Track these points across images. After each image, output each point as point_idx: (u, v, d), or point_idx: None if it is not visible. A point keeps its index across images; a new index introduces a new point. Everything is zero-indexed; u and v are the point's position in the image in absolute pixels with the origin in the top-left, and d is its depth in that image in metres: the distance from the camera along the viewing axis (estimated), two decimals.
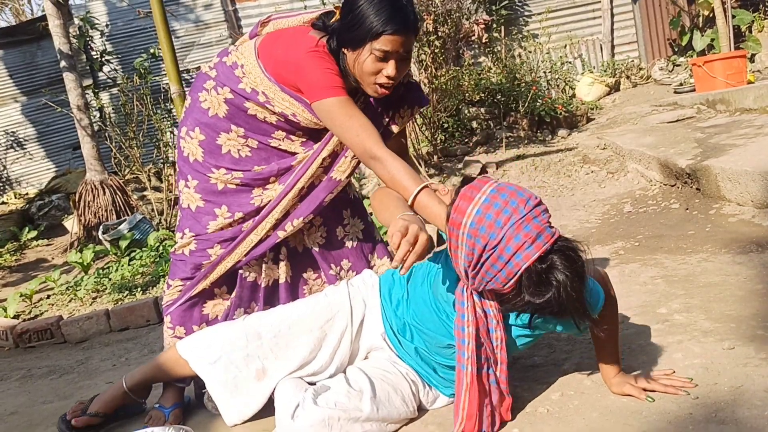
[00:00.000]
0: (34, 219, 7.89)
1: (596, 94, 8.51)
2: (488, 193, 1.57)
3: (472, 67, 7.61)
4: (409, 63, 2.04)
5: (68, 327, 3.91)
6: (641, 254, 3.21)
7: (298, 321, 1.99)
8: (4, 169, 9.13)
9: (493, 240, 1.52)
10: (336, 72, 1.99)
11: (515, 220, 1.52)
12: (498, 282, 1.56)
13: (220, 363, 1.95)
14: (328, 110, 1.96)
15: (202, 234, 2.22)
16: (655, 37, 9.32)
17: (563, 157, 5.87)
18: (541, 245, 1.51)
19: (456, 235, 1.59)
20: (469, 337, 1.68)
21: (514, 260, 1.52)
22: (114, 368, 3.16)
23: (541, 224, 1.53)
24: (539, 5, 8.91)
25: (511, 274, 1.53)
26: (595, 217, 4.30)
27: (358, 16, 1.91)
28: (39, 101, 8.81)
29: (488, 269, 1.56)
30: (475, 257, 1.56)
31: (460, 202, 1.59)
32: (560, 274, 1.51)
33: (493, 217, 1.53)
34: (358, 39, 1.93)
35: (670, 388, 1.76)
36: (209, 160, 2.18)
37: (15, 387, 3.14)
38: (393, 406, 1.82)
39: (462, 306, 1.70)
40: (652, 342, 2.12)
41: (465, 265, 1.59)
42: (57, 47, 6.61)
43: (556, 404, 1.82)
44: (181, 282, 2.26)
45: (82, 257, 5.28)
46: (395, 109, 2.22)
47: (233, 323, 2.06)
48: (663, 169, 4.49)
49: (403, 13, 1.91)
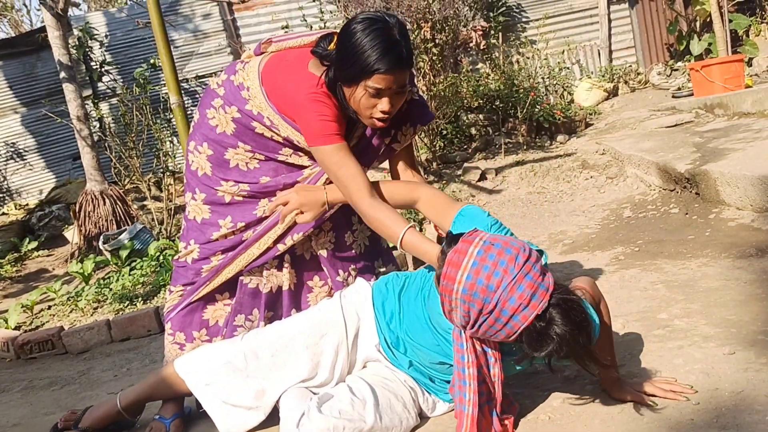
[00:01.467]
0: (34, 229, 7.89)
1: (594, 99, 8.53)
2: (475, 255, 1.57)
3: (471, 74, 7.63)
4: (405, 95, 2.02)
5: (69, 338, 3.91)
6: (641, 259, 3.22)
7: (294, 338, 1.99)
8: (5, 179, 9.13)
9: (489, 304, 1.53)
10: (332, 117, 2.01)
11: (507, 283, 1.52)
12: (498, 339, 1.60)
13: (219, 384, 1.95)
14: (321, 157, 2.03)
15: (206, 242, 2.24)
16: (653, 42, 9.35)
17: (562, 163, 5.88)
18: (537, 305, 1.52)
19: (449, 300, 1.60)
20: (470, 378, 1.67)
21: (512, 322, 1.53)
22: (116, 378, 3.16)
23: (535, 281, 1.53)
24: (537, 11, 8.94)
25: (511, 333, 1.55)
26: (594, 223, 4.31)
27: (351, 52, 1.90)
28: (39, 112, 8.83)
29: (486, 330, 1.58)
30: (472, 320, 1.58)
31: (448, 269, 1.59)
32: (559, 328, 1.52)
33: (485, 282, 1.53)
34: (352, 76, 1.93)
35: (669, 393, 1.76)
36: (217, 174, 2.20)
37: (17, 398, 3.14)
38: (395, 412, 1.82)
39: (461, 347, 1.68)
40: (652, 347, 2.13)
41: (462, 323, 1.61)
42: (57, 58, 6.63)
43: (557, 411, 1.83)
44: (182, 287, 2.28)
45: (83, 267, 5.29)
46: (397, 127, 2.22)
47: (231, 342, 2.06)
48: (662, 173, 4.50)
49: (397, 50, 1.88)
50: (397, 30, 1.90)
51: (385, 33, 1.87)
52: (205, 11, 9.01)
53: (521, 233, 4.46)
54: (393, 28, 1.89)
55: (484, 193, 5.64)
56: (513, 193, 5.55)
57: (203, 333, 2.29)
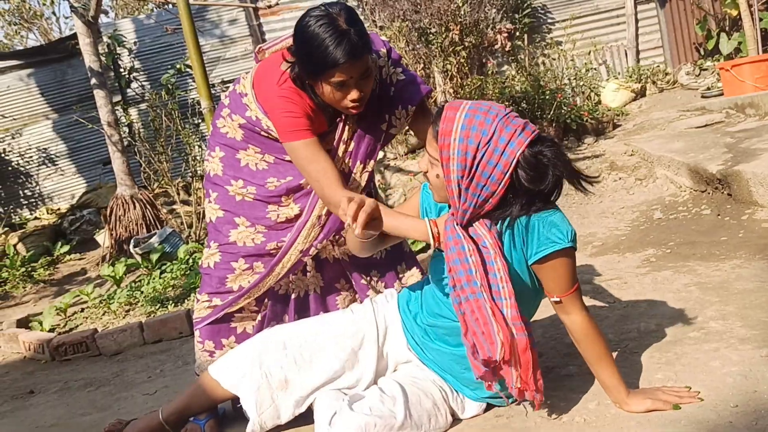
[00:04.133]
0: (66, 234, 8.02)
1: (622, 100, 8.45)
2: (469, 103, 1.71)
3: (496, 76, 7.61)
4: (372, 78, 2.01)
5: (103, 340, 3.97)
6: (673, 261, 3.19)
7: (323, 334, 2.01)
8: (37, 185, 9.30)
9: (486, 136, 1.64)
10: (299, 113, 2.03)
11: (502, 116, 1.67)
12: (493, 182, 1.66)
13: (248, 377, 1.97)
14: (291, 153, 2.08)
15: (224, 243, 2.28)
16: (681, 41, 9.23)
17: (590, 164, 5.83)
18: (530, 133, 1.66)
19: (447, 145, 1.67)
20: (476, 265, 1.71)
21: (509, 149, 1.63)
22: (149, 380, 3.20)
23: (523, 121, 1.68)
24: (563, 12, 8.88)
25: (507, 166, 1.64)
26: (624, 225, 4.27)
27: (306, 51, 1.92)
28: (70, 118, 8.98)
29: (483, 168, 1.65)
30: (469, 160, 1.65)
31: (447, 113, 1.69)
32: (550, 153, 1.66)
33: (482, 117, 1.66)
34: (312, 74, 1.95)
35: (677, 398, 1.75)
36: (228, 172, 2.27)
37: (54, 399, 3.20)
38: (424, 409, 1.83)
39: (459, 239, 1.73)
40: (688, 350, 2.11)
41: (458, 176, 1.68)
42: (87, 65, 6.74)
43: (592, 413, 1.82)
44: (207, 297, 2.31)
45: (115, 271, 5.37)
46: (389, 111, 2.21)
47: (259, 335, 2.09)
48: (693, 174, 4.45)
49: (347, 41, 1.86)
50: (344, 19, 1.88)
51: (332, 25, 1.86)
52: (231, 17, 9.10)
53: None
54: (338, 19, 1.88)
55: None
56: None
57: (232, 340, 2.32)
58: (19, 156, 9.20)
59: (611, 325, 2.47)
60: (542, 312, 2.78)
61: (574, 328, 1.80)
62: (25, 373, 3.87)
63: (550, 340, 2.45)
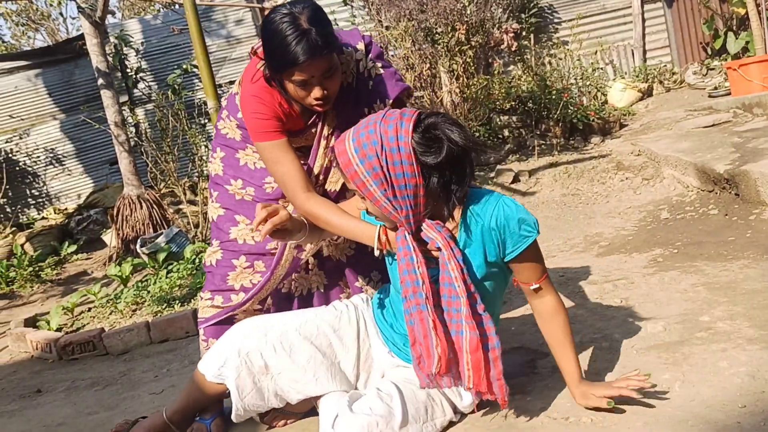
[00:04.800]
0: (73, 233, 8.05)
1: (629, 99, 8.43)
2: (350, 131, 1.77)
3: (502, 76, 7.60)
4: (336, 77, 2.01)
5: (110, 339, 3.98)
6: (681, 261, 3.17)
7: (305, 325, 2.03)
8: (44, 185, 9.33)
9: (377, 144, 1.68)
10: (268, 114, 2.05)
11: (379, 119, 1.72)
12: (409, 177, 1.69)
13: (228, 364, 1.97)
14: (259, 153, 2.12)
15: (225, 240, 2.30)
16: (688, 40, 9.21)
17: (597, 164, 5.82)
18: (409, 118, 1.70)
19: (355, 173, 1.72)
20: (423, 276, 1.76)
21: (400, 141, 1.68)
22: (156, 379, 3.21)
23: (398, 111, 1.74)
24: (569, 12, 8.87)
25: (410, 156, 1.68)
26: (631, 225, 4.26)
27: (269, 49, 1.93)
28: (77, 118, 9.01)
29: (394, 171, 1.69)
30: (380, 172, 1.69)
31: (337, 148, 1.76)
32: (440, 124, 1.70)
33: (365, 131, 1.71)
34: (276, 72, 1.96)
35: (624, 390, 1.76)
36: (228, 172, 2.30)
37: (61, 398, 3.21)
38: (420, 401, 1.84)
39: (408, 250, 1.77)
40: (695, 350, 2.10)
41: (381, 191, 1.72)
42: (94, 65, 6.76)
43: (599, 414, 1.81)
44: (210, 294, 2.32)
45: (121, 270, 5.38)
46: (368, 105, 2.20)
47: (239, 324, 2.10)
48: (700, 174, 4.43)
49: (307, 40, 1.85)
50: (305, 17, 1.87)
51: (293, 24, 1.86)
52: (237, 17, 9.12)
53: (556, 235, 4.43)
54: (299, 18, 1.87)
55: (518, 195, 5.61)
56: (547, 195, 5.51)
57: None
58: (26, 156, 9.25)
59: (618, 325, 2.46)
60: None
61: (546, 310, 1.87)
62: (33, 372, 3.88)
63: None
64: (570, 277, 3.31)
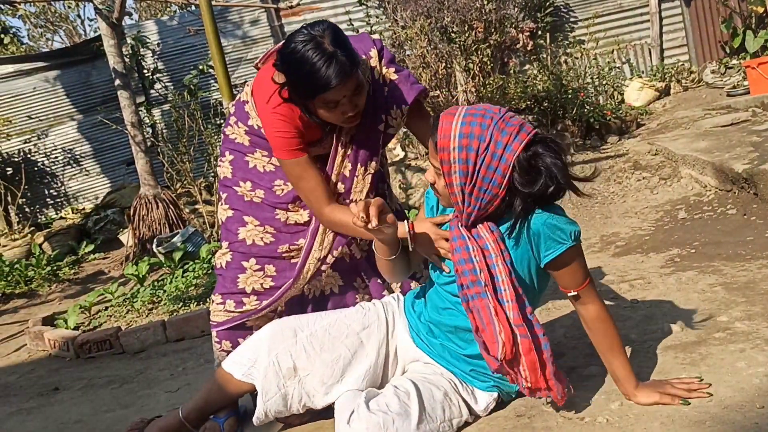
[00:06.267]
0: (90, 233, 8.13)
1: (646, 99, 8.36)
2: (464, 110, 1.74)
3: (518, 75, 7.57)
4: (364, 91, 2.02)
5: (126, 338, 4.01)
6: (698, 261, 3.14)
7: (334, 326, 2.04)
8: (62, 185, 9.42)
9: (484, 142, 1.68)
10: (291, 133, 2.06)
11: (496, 121, 1.69)
12: (494, 186, 1.70)
13: (257, 364, 1.99)
14: (283, 167, 2.15)
15: (234, 241, 2.30)
16: (706, 39, 9.12)
17: (613, 164, 5.78)
18: (526, 135, 1.69)
19: (447, 155, 1.72)
20: (481, 265, 1.77)
21: (506, 153, 1.67)
22: (172, 377, 3.23)
23: (519, 122, 1.72)
24: (585, 11, 8.82)
25: (506, 169, 1.68)
26: (648, 224, 4.22)
27: (295, 78, 1.93)
28: (94, 119, 9.08)
29: (484, 174, 1.70)
30: (470, 167, 1.70)
31: (443, 124, 1.73)
32: (547, 157, 1.69)
33: (478, 123, 1.69)
34: (304, 96, 1.96)
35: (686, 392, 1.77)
36: (237, 174, 2.31)
37: (78, 396, 3.23)
38: (437, 401, 1.84)
39: (464, 240, 1.80)
40: (713, 351, 2.08)
41: (461, 182, 1.73)
42: (112, 66, 6.82)
43: (615, 414, 1.80)
44: (221, 298, 2.32)
45: (138, 270, 5.42)
46: (385, 111, 2.21)
47: (270, 324, 2.11)
48: (718, 174, 4.39)
49: (336, 63, 1.86)
50: (329, 40, 1.88)
51: (319, 49, 1.86)
52: (253, 18, 9.15)
53: None
54: (323, 41, 1.87)
55: None
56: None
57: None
58: (45, 156, 9.34)
59: (635, 326, 2.44)
60: (564, 312, 2.77)
61: (589, 317, 1.86)
62: (51, 370, 3.92)
63: (572, 340, 2.42)
64: None
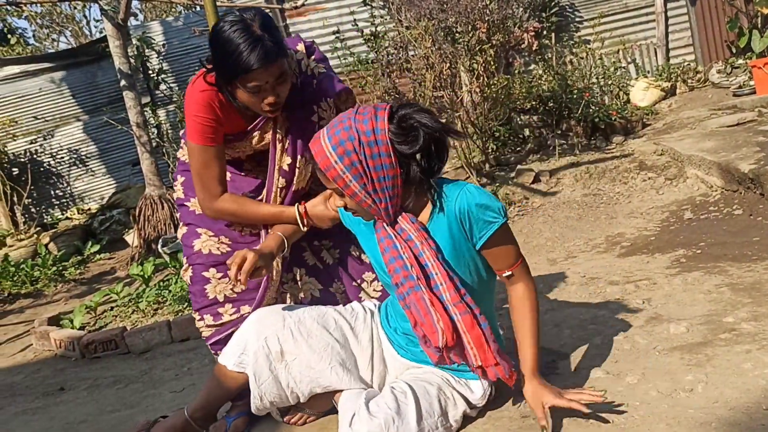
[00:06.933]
0: (96, 233, 8.15)
1: (651, 99, 8.34)
2: (323, 129, 1.79)
3: (523, 75, 7.55)
4: (288, 82, 2.05)
5: (132, 338, 4.01)
6: (704, 262, 3.13)
7: (323, 316, 2.08)
8: (68, 185, 9.44)
9: (354, 140, 1.72)
10: (207, 119, 2.08)
11: (353, 117, 1.74)
12: (387, 168, 1.73)
13: (247, 350, 2.01)
14: (189, 152, 2.15)
15: (190, 254, 2.32)
16: (712, 39, 9.08)
17: (619, 164, 5.77)
18: (383, 111, 1.74)
19: (334, 171, 1.75)
20: (410, 260, 1.80)
21: (377, 135, 1.71)
22: (177, 378, 3.23)
23: (371, 106, 1.77)
24: (590, 11, 8.79)
25: (387, 147, 1.72)
26: (653, 225, 4.21)
27: (220, 58, 1.96)
28: (100, 119, 9.11)
29: (373, 163, 1.72)
30: (359, 166, 1.73)
31: (314, 149, 1.78)
32: (413, 113, 1.74)
33: (340, 130, 1.74)
34: (227, 78, 1.99)
35: (575, 404, 1.75)
36: (188, 192, 2.35)
37: (83, 396, 3.24)
38: (432, 396, 1.86)
39: (390, 239, 1.83)
40: (719, 352, 2.07)
41: (361, 185, 1.75)
42: (117, 67, 6.83)
43: (621, 415, 1.79)
44: (198, 315, 2.33)
45: (143, 270, 5.42)
46: (316, 103, 2.22)
47: (257, 311, 2.14)
48: (724, 174, 4.37)
49: (261, 46, 1.89)
50: (258, 24, 1.92)
51: (246, 31, 1.90)
52: None
53: (577, 235, 4.40)
54: (252, 25, 1.91)
55: (539, 195, 5.58)
56: (568, 195, 5.47)
57: None
58: (50, 157, 9.36)
59: (640, 326, 2.44)
60: (569, 313, 2.76)
61: (516, 295, 1.89)
62: (56, 370, 3.92)
63: (578, 341, 2.42)
64: (591, 278, 3.29)
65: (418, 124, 1.73)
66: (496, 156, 6.61)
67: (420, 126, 1.73)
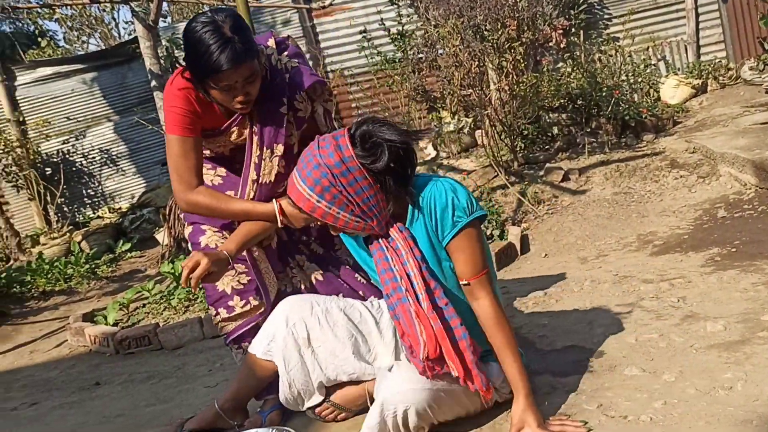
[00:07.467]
0: (127, 232, 8.26)
1: (682, 96, 8.23)
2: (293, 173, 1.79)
3: (552, 73, 7.50)
4: (257, 81, 2.07)
5: (164, 334, 4.07)
6: (739, 260, 3.09)
7: (349, 308, 2.11)
8: (99, 185, 9.57)
9: (327, 176, 1.71)
10: (184, 111, 2.11)
11: (316, 153, 1.73)
12: (367, 189, 1.73)
13: (276, 337, 2.05)
14: (170, 144, 2.16)
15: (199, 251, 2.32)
16: (744, 35, 8.94)
17: (649, 162, 5.70)
18: (343, 137, 1.74)
19: (320, 210, 1.75)
20: (400, 273, 1.79)
21: (346, 162, 1.71)
22: (210, 373, 3.27)
23: (329, 135, 1.77)
24: (620, 8, 8.70)
25: (359, 171, 1.72)
26: (686, 223, 4.16)
27: (192, 57, 1.99)
28: (131, 120, 9.21)
29: (353, 190, 1.73)
30: (341, 197, 1.73)
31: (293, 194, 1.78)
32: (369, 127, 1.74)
33: (310, 169, 1.73)
34: (199, 77, 2.02)
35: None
36: None
37: (118, 391, 3.29)
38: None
39: (383, 251, 1.83)
40: (757, 350, 2.04)
41: (349, 212, 1.76)
42: (148, 67, 6.91)
43: (659, 412, 1.78)
44: (214, 310, 2.37)
45: (174, 268, 5.48)
46: (286, 95, 2.23)
47: (287, 299, 2.16)
48: (758, 172, 4.31)
49: (229, 48, 1.93)
50: (228, 26, 1.95)
51: (217, 32, 1.93)
52: (285, 18, 9.20)
53: (608, 234, 4.36)
54: (223, 26, 1.94)
55: (568, 194, 5.54)
56: (598, 194, 5.42)
57: None
58: (82, 157, 9.50)
59: (676, 324, 2.41)
60: (602, 310, 2.74)
61: (480, 313, 1.83)
62: (91, 365, 4.00)
63: (612, 339, 2.40)
64: (624, 276, 3.26)
65: (381, 140, 1.73)
66: (525, 154, 6.57)
67: (383, 141, 1.73)
